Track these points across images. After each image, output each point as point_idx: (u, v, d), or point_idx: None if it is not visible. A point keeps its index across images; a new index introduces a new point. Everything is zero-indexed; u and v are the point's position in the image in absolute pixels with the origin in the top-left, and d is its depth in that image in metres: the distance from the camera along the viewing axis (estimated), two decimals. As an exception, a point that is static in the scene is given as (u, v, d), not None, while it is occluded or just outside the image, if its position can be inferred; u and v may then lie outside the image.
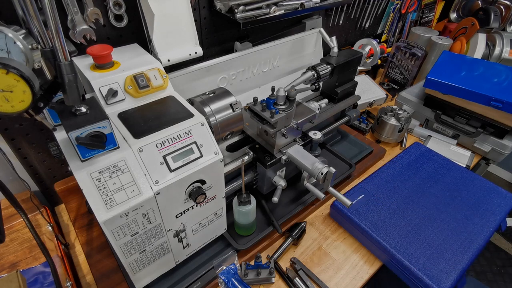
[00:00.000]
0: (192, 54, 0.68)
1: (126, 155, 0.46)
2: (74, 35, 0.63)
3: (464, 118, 1.02)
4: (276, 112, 0.64)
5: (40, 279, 0.61)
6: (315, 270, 0.70)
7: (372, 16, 1.35)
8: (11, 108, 0.37)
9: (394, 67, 1.32)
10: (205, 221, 0.61)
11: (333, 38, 0.84)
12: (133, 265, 0.53)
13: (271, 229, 0.74)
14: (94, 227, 0.76)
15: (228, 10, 0.79)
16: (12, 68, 0.35)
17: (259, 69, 0.85)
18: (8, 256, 0.65)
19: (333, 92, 0.88)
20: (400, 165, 0.88)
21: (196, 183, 0.52)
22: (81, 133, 0.42)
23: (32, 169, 0.76)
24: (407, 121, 1.01)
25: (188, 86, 0.72)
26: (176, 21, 0.65)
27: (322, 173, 0.64)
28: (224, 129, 0.61)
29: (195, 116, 0.53)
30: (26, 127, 0.70)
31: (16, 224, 0.71)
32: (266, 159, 0.69)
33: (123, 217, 0.45)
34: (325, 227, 0.80)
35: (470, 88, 0.94)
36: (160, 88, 0.56)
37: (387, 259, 0.69)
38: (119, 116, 0.51)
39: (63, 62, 0.40)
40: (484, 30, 1.29)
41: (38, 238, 0.55)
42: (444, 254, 0.67)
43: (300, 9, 0.87)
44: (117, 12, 0.68)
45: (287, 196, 0.83)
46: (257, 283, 0.68)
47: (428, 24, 1.65)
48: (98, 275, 0.67)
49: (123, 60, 0.57)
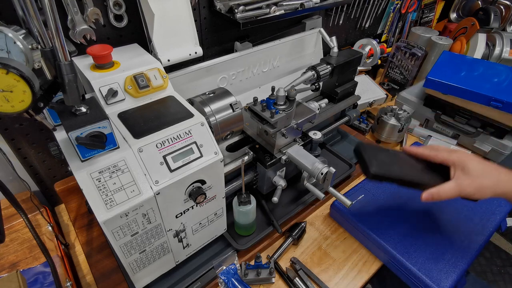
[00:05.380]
0: (192, 54, 0.68)
1: (126, 155, 0.46)
2: (74, 35, 0.63)
3: (464, 118, 1.02)
4: (276, 112, 0.64)
5: (40, 279, 0.61)
6: (315, 270, 0.70)
7: (372, 16, 1.35)
8: (11, 108, 0.37)
9: (394, 67, 1.32)
10: (205, 221, 0.61)
11: (333, 38, 0.84)
12: (133, 265, 0.53)
13: (271, 229, 0.74)
14: (94, 227, 0.76)
15: (228, 10, 0.79)
16: (12, 68, 0.35)
17: (259, 69, 0.85)
18: (8, 256, 0.65)
19: (333, 92, 0.89)
20: (400, 165, 0.88)
21: (196, 183, 0.52)
22: (81, 133, 0.42)
23: (32, 169, 0.76)
24: (407, 121, 1.01)
25: (188, 86, 0.72)
26: (176, 21, 0.65)
27: (322, 173, 0.64)
28: (224, 129, 0.61)
29: (195, 116, 0.53)
30: (26, 127, 0.70)
31: (16, 224, 0.71)
32: (266, 159, 0.69)
33: (123, 217, 0.45)
34: (325, 227, 0.80)
35: (470, 88, 0.94)
36: (160, 88, 0.56)
37: (387, 259, 0.69)
38: (119, 116, 0.51)
39: (63, 62, 0.40)
40: (484, 30, 1.29)
41: (38, 238, 0.55)
42: (444, 254, 0.67)
43: (300, 9, 0.87)
44: (117, 12, 0.68)
45: (287, 196, 0.83)
46: (257, 283, 0.68)
47: (428, 24, 1.65)
48: (98, 275, 0.67)
49: (123, 60, 0.57)
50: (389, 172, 0.61)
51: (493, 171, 0.56)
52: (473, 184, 0.56)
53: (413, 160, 0.65)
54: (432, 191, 0.58)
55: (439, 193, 0.58)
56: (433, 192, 0.58)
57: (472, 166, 0.56)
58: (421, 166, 0.63)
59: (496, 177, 0.55)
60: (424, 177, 0.61)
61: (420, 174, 0.62)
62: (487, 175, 0.56)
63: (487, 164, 0.58)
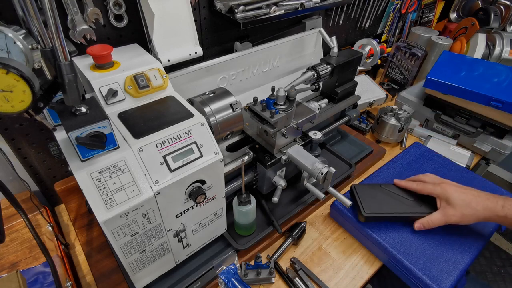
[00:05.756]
0: (192, 54, 0.68)
1: (126, 155, 0.46)
2: (74, 35, 0.63)
3: (464, 118, 1.02)
4: (276, 112, 0.64)
5: (40, 279, 0.61)
6: (315, 270, 0.70)
7: (372, 16, 1.35)
8: (11, 108, 0.37)
9: (394, 67, 1.32)
10: (205, 221, 0.61)
11: (333, 38, 0.84)
12: (133, 265, 0.53)
13: (271, 229, 0.74)
14: (94, 227, 0.76)
15: (228, 10, 0.79)
16: (12, 68, 0.35)
17: (259, 69, 0.85)
18: (8, 256, 0.65)
19: (333, 92, 0.89)
20: (400, 165, 0.88)
21: (196, 183, 0.52)
22: (81, 133, 0.42)
23: (32, 169, 0.76)
24: (407, 121, 1.01)
25: (188, 86, 0.72)
26: (176, 21, 0.65)
27: (322, 173, 0.64)
28: (224, 129, 0.61)
29: (195, 116, 0.53)
30: (26, 127, 0.70)
31: (16, 224, 0.71)
32: (266, 159, 0.69)
33: (123, 217, 0.45)
34: (325, 227, 0.80)
35: (470, 88, 0.94)
36: (160, 88, 0.56)
37: (387, 259, 0.69)
38: (119, 116, 0.51)
39: (63, 62, 0.40)
40: (484, 30, 1.29)
41: (38, 238, 0.55)
42: (444, 254, 0.67)
43: (300, 9, 0.87)
44: (117, 12, 0.68)
45: (287, 196, 0.83)
46: (257, 283, 0.68)
47: (428, 24, 1.65)
48: (98, 275, 0.67)
49: (123, 60, 0.57)
50: (381, 212, 0.69)
51: (472, 202, 0.64)
52: (457, 214, 0.64)
53: (403, 192, 0.74)
54: (423, 221, 0.68)
55: (428, 222, 0.67)
56: (424, 222, 0.68)
57: (454, 199, 0.65)
58: (411, 198, 0.72)
59: (475, 207, 0.63)
60: (415, 209, 0.70)
61: (410, 208, 0.70)
62: (467, 205, 0.64)
63: (468, 194, 0.65)
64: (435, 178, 0.72)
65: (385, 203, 0.71)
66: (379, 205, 0.70)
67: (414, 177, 0.76)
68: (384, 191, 0.73)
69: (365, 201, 0.70)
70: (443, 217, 0.66)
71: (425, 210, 0.69)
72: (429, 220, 0.67)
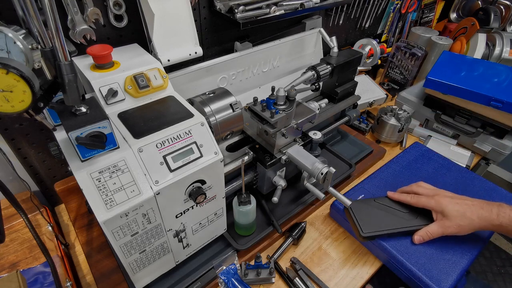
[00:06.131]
0: (192, 54, 0.68)
1: (126, 155, 0.46)
2: (74, 35, 0.63)
3: (464, 118, 1.02)
4: (276, 112, 0.64)
5: (40, 279, 0.61)
6: (315, 270, 0.70)
7: (372, 16, 1.35)
8: (11, 108, 0.37)
9: (394, 67, 1.32)
10: (205, 221, 0.61)
11: (333, 38, 0.84)
12: (133, 265, 0.53)
13: (271, 229, 0.74)
14: (94, 227, 0.76)
15: (228, 10, 0.79)
16: (12, 68, 0.35)
17: (259, 69, 0.85)
18: (8, 256, 0.65)
19: (333, 92, 0.89)
20: (400, 165, 0.88)
21: (196, 183, 0.52)
22: (81, 133, 0.42)
23: (32, 169, 0.76)
24: (407, 121, 1.01)
25: (188, 86, 0.72)
26: (176, 21, 0.65)
27: (322, 173, 0.64)
28: (224, 129, 0.61)
29: (195, 116, 0.53)
30: (26, 127, 0.70)
31: (16, 224, 0.71)
32: (266, 159, 0.70)
33: (123, 217, 0.45)
34: (325, 227, 0.80)
35: (470, 88, 0.94)
36: (160, 88, 0.56)
37: (387, 259, 0.69)
38: (119, 116, 0.51)
39: (63, 62, 0.40)
40: (484, 30, 1.29)
41: (38, 238, 0.55)
42: (444, 254, 0.67)
43: (300, 9, 0.87)
44: (117, 12, 0.68)
45: (287, 196, 0.83)
46: (257, 283, 0.68)
47: (428, 24, 1.65)
48: (98, 275, 0.67)
49: (123, 60, 0.57)
50: (379, 230, 0.68)
51: (467, 212, 0.64)
52: (453, 225, 0.65)
53: (397, 204, 0.73)
54: (422, 234, 0.68)
55: (427, 235, 0.67)
56: (423, 235, 0.67)
57: (448, 210, 0.65)
58: (405, 210, 0.71)
59: (470, 217, 0.63)
60: (411, 222, 0.69)
61: (406, 222, 0.70)
62: (463, 216, 0.64)
63: (462, 204, 0.65)
64: (428, 189, 0.71)
65: (382, 219, 0.70)
66: (376, 222, 0.69)
67: (407, 188, 0.74)
68: (379, 206, 0.72)
69: (362, 221, 0.68)
70: (440, 229, 0.66)
71: (421, 222, 0.69)
72: (428, 232, 0.67)
